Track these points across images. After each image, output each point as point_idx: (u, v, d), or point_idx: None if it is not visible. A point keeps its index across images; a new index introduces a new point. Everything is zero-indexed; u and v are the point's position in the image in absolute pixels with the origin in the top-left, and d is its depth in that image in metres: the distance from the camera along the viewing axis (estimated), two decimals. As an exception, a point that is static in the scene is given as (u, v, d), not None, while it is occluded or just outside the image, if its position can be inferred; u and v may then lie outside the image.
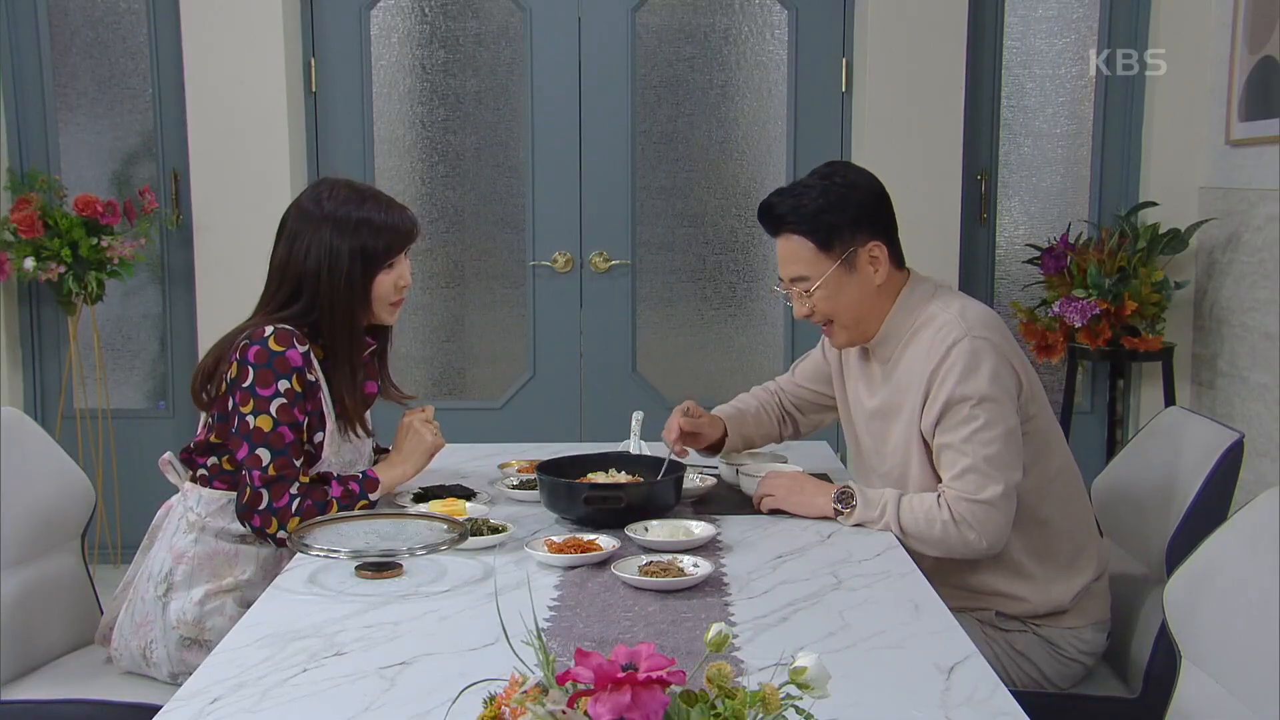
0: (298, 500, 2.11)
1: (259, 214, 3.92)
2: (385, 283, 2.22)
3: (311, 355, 2.17)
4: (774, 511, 2.22)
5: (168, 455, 2.25)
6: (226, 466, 2.18)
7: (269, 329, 2.13)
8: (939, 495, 2.09)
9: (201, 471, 2.21)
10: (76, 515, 2.33)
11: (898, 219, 2.23)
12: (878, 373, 2.25)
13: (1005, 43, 4.10)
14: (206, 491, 2.19)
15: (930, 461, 2.14)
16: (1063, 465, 2.21)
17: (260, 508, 2.10)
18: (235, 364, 2.13)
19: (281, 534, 2.10)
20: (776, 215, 2.17)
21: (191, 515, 2.17)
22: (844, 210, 2.14)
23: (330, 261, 2.16)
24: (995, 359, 2.08)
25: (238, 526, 2.16)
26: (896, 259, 2.20)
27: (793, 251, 2.17)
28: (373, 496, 2.20)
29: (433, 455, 2.35)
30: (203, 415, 2.25)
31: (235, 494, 2.16)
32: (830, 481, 2.27)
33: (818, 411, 2.54)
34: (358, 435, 2.28)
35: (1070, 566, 2.19)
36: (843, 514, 2.14)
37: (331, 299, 2.17)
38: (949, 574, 2.16)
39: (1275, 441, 3.48)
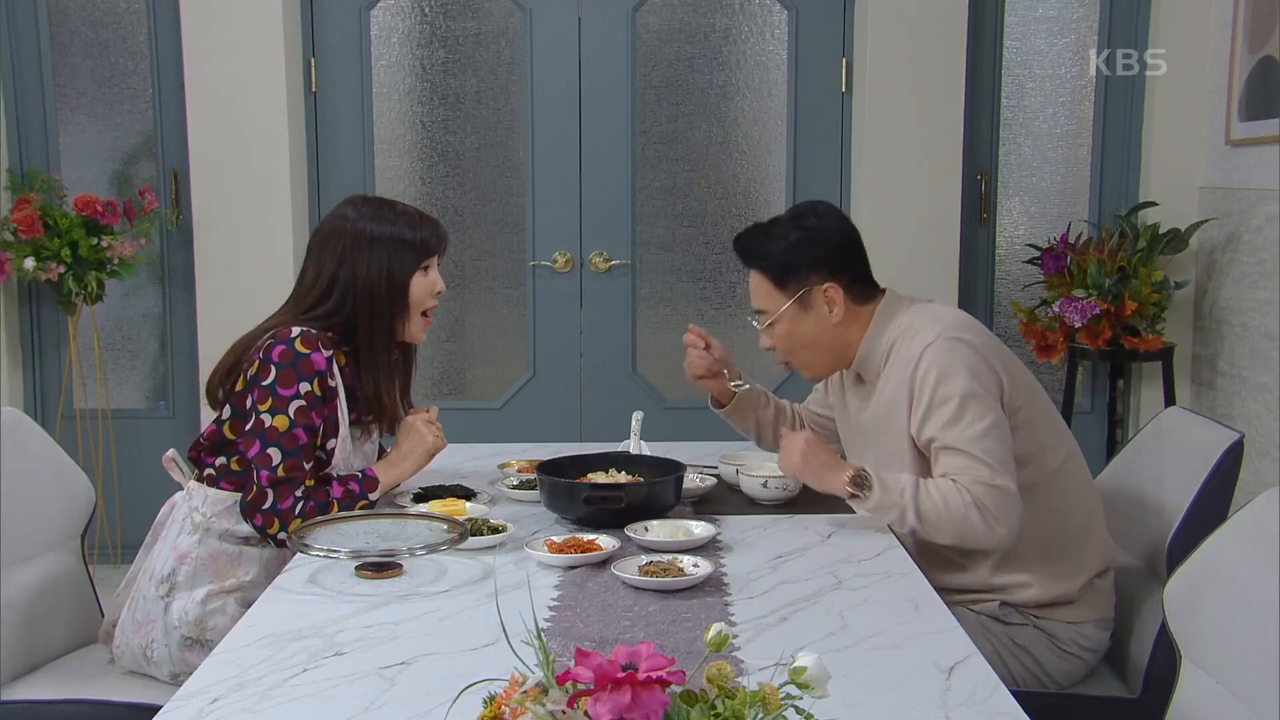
0: (302, 503, 2.11)
1: (259, 214, 3.94)
2: (421, 285, 2.24)
3: (334, 361, 2.17)
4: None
5: (171, 452, 2.25)
6: (235, 467, 2.18)
7: (296, 330, 2.13)
8: (954, 480, 2.05)
9: (209, 471, 2.21)
10: (76, 515, 2.33)
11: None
12: (868, 391, 2.29)
13: (1005, 43, 4.09)
14: (213, 492, 2.19)
15: (923, 468, 2.14)
16: (1068, 455, 2.22)
17: (264, 507, 2.10)
18: (258, 362, 2.13)
19: (282, 535, 2.10)
20: (743, 249, 2.28)
21: (196, 516, 2.17)
22: (803, 251, 2.22)
23: (370, 255, 2.19)
24: (971, 356, 2.10)
25: (242, 528, 2.16)
26: (859, 296, 2.24)
27: (755, 285, 2.28)
28: (372, 496, 2.20)
29: (433, 456, 2.34)
30: (213, 413, 2.25)
31: (241, 494, 2.16)
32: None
33: (835, 439, 2.55)
34: (389, 434, 2.33)
35: (1078, 557, 2.19)
36: (857, 497, 2.10)
37: (370, 294, 2.19)
38: (954, 567, 2.17)
39: (1275, 441, 3.48)
